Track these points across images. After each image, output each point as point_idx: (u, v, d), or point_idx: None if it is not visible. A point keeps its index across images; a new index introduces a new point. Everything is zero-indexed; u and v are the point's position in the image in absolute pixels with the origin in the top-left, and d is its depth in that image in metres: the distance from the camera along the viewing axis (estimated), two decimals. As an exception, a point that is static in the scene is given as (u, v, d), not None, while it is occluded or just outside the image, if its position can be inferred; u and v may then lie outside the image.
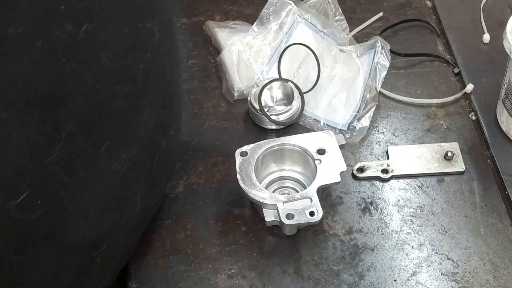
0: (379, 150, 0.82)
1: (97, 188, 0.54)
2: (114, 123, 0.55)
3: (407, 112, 0.87)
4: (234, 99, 0.87)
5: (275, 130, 0.84)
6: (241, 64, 0.88)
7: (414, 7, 1.00)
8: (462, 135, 0.84)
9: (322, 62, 0.87)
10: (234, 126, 0.85)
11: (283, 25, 0.89)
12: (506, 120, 0.82)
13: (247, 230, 0.75)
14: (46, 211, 0.49)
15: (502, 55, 0.79)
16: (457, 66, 0.91)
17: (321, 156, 0.74)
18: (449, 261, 0.72)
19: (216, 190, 0.78)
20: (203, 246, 0.73)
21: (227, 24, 0.95)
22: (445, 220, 0.75)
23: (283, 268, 0.71)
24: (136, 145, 0.58)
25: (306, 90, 0.86)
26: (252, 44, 0.89)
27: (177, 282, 0.70)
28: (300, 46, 0.88)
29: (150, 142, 0.60)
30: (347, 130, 0.83)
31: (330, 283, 0.70)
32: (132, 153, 0.57)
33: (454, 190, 0.78)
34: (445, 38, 0.96)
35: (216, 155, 0.82)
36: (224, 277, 0.71)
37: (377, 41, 0.88)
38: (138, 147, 0.58)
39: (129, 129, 0.57)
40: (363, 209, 0.76)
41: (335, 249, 0.73)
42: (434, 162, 0.80)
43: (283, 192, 0.76)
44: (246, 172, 0.73)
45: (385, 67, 0.87)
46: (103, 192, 0.55)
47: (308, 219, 0.69)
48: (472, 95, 0.88)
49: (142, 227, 0.69)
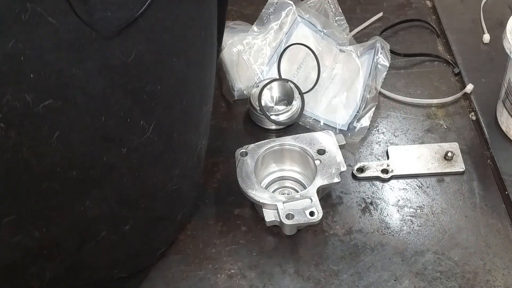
0: (379, 150, 0.82)
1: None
2: (37, 201, 0.49)
3: (407, 112, 0.87)
4: (234, 99, 0.87)
5: (275, 130, 0.84)
6: (241, 64, 0.88)
7: (414, 7, 1.00)
8: (462, 135, 0.84)
9: (322, 62, 0.87)
10: (234, 126, 0.85)
11: (283, 25, 0.89)
12: (506, 120, 0.82)
13: (247, 230, 0.75)
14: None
15: (502, 55, 0.79)
16: (457, 66, 0.91)
17: (321, 156, 0.74)
18: (449, 261, 0.72)
19: (216, 190, 0.78)
20: (203, 246, 0.73)
21: (227, 24, 0.95)
22: (445, 220, 0.75)
23: (283, 268, 0.71)
24: (60, 226, 0.52)
25: (306, 90, 0.86)
26: (252, 44, 0.89)
27: (177, 282, 0.70)
28: (300, 46, 0.88)
29: (82, 229, 0.54)
30: (347, 130, 0.83)
31: (330, 283, 0.70)
32: (51, 233, 0.52)
33: (454, 190, 0.78)
34: (445, 38, 0.96)
35: (216, 155, 0.82)
36: (224, 277, 0.71)
37: (377, 41, 0.88)
38: (62, 229, 0.53)
39: (55, 210, 0.51)
40: (363, 209, 0.76)
41: (335, 249, 0.73)
42: (434, 162, 0.80)
43: (283, 192, 0.76)
44: (246, 172, 0.73)
45: (385, 67, 0.87)
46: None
47: (308, 219, 0.69)
48: (472, 95, 0.88)
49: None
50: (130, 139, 0.52)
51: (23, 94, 0.45)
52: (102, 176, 0.52)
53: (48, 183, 0.49)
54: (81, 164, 0.50)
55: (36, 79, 0.45)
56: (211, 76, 0.64)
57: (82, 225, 0.54)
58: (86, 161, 0.50)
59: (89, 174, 0.51)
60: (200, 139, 0.64)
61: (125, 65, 0.49)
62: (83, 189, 0.52)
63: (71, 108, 0.48)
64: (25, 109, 0.45)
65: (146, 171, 0.56)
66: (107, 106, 0.50)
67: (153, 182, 0.58)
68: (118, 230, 0.57)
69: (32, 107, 0.45)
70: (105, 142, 0.51)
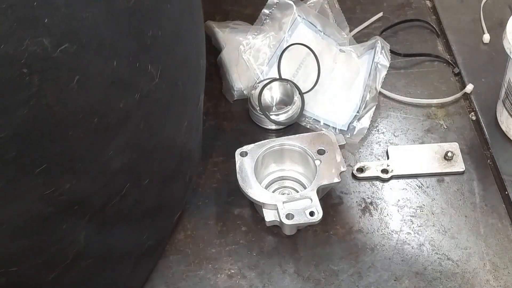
0: (379, 150, 0.82)
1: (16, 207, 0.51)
2: (63, 150, 0.52)
3: (407, 112, 0.87)
4: (234, 99, 0.87)
5: (275, 130, 0.84)
6: (241, 64, 0.88)
7: (414, 7, 1.00)
8: (462, 135, 0.84)
9: (322, 62, 0.87)
10: (234, 126, 0.85)
11: (283, 25, 0.89)
12: (506, 120, 0.82)
13: (247, 230, 0.75)
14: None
15: (502, 55, 0.79)
16: (457, 66, 0.91)
17: (321, 156, 0.74)
18: (449, 261, 0.72)
19: (216, 190, 0.78)
20: (203, 246, 0.73)
21: (227, 24, 0.95)
22: (445, 220, 0.75)
23: (283, 268, 0.71)
24: (88, 179, 0.55)
25: (306, 90, 0.86)
26: (252, 44, 0.89)
27: (177, 282, 0.70)
28: (300, 46, 0.88)
29: (107, 182, 0.57)
30: (347, 130, 0.83)
31: (330, 283, 0.70)
32: (79, 186, 0.54)
33: (454, 190, 0.78)
34: (445, 38, 0.96)
35: (216, 155, 0.82)
36: (224, 277, 0.71)
37: (377, 41, 0.88)
38: (89, 182, 0.55)
39: (81, 161, 0.53)
40: (363, 209, 0.76)
41: (335, 249, 0.73)
42: (434, 162, 0.80)
43: (283, 192, 0.76)
44: (246, 172, 0.73)
45: (385, 67, 0.87)
46: (23, 213, 0.52)
47: (308, 219, 0.69)
48: (472, 95, 0.88)
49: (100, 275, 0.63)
50: (141, 85, 0.55)
51: (40, 39, 0.47)
52: (119, 123, 0.55)
53: (73, 130, 0.52)
54: (100, 110, 0.53)
55: (50, 24, 0.47)
56: (201, 29, 0.70)
57: (107, 178, 0.57)
58: (104, 107, 0.53)
59: (108, 121, 0.54)
60: (201, 92, 0.68)
61: (128, 9, 0.53)
62: (105, 138, 0.55)
63: (85, 52, 0.50)
64: (45, 54, 0.47)
65: (158, 119, 0.60)
66: (117, 50, 0.53)
67: (165, 133, 0.62)
68: (138, 184, 0.60)
69: (50, 51, 0.48)
70: (119, 87, 0.54)
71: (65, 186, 0.53)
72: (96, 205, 0.57)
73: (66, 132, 0.51)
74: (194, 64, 0.66)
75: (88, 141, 0.53)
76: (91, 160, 0.54)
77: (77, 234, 0.57)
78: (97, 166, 0.55)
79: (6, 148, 0.48)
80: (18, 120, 0.48)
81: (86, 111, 0.52)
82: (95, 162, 0.55)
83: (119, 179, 0.58)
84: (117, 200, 0.59)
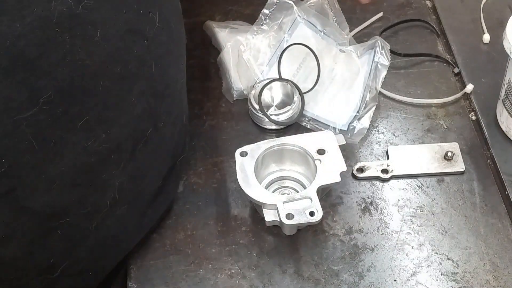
0: (379, 150, 0.82)
1: (66, 160, 0.55)
2: (98, 101, 0.56)
3: (407, 112, 0.87)
4: (234, 99, 0.87)
5: (275, 130, 0.84)
6: (241, 64, 0.88)
7: (414, 7, 1.00)
8: (462, 135, 0.84)
9: (322, 62, 0.87)
10: (234, 126, 0.85)
11: (283, 25, 0.89)
12: (506, 120, 0.82)
13: (247, 230, 0.75)
14: (8, 169, 0.51)
15: (502, 55, 0.79)
16: (457, 66, 0.91)
17: (321, 156, 0.74)
18: (449, 261, 0.72)
19: (216, 190, 0.78)
20: (203, 246, 0.73)
21: (227, 24, 0.95)
22: (445, 220, 0.75)
23: (283, 268, 0.71)
24: (118, 126, 0.59)
25: (306, 90, 0.86)
26: (252, 44, 0.89)
27: (177, 282, 0.70)
28: (300, 46, 0.88)
29: (134, 128, 0.61)
30: (347, 130, 0.83)
31: (330, 283, 0.70)
32: (113, 134, 0.58)
33: (454, 190, 0.78)
34: (445, 38, 0.96)
35: (216, 155, 0.82)
36: (224, 277, 0.71)
37: (377, 41, 0.88)
38: (120, 129, 0.59)
39: (112, 110, 0.58)
40: (363, 209, 0.76)
41: (335, 249, 0.73)
42: (434, 162, 0.80)
43: (283, 192, 0.76)
44: (246, 172, 0.73)
45: (385, 67, 0.87)
46: (72, 166, 0.55)
47: (308, 219, 0.69)
48: (472, 95, 0.88)
49: (129, 220, 0.67)
50: (147, 30, 0.61)
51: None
52: (137, 69, 0.59)
53: (103, 81, 0.56)
54: (121, 59, 0.57)
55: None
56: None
57: (133, 124, 0.61)
58: (124, 55, 0.58)
59: (128, 69, 0.58)
60: (183, 29, 0.74)
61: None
62: (128, 85, 0.59)
63: (101, 6, 0.55)
64: (70, 11, 0.52)
65: (164, 62, 0.65)
66: (124, 1, 0.58)
67: (170, 74, 0.67)
68: (157, 128, 0.64)
69: (74, 8, 0.52)
70: (132, 35, 0.59)
71: (102, 136, 0.57)
72: (127, 151, 0.61)
73: (98, 83, 0.55)
74: (176, 3, 0.72)
75: (115, 90, 0.57)
76: (119, 108, 0.59)
77: (113, 182, 0.60)
78: (124, 113, 0.59)
79: (53, 106, 0.52)
80: (60, 78, 0.52)
81: (111, 61, 0.56)
82: (122, 110, 0.59)
83: (141, 124, 0.62)
84: (141, 146, 0.62)
